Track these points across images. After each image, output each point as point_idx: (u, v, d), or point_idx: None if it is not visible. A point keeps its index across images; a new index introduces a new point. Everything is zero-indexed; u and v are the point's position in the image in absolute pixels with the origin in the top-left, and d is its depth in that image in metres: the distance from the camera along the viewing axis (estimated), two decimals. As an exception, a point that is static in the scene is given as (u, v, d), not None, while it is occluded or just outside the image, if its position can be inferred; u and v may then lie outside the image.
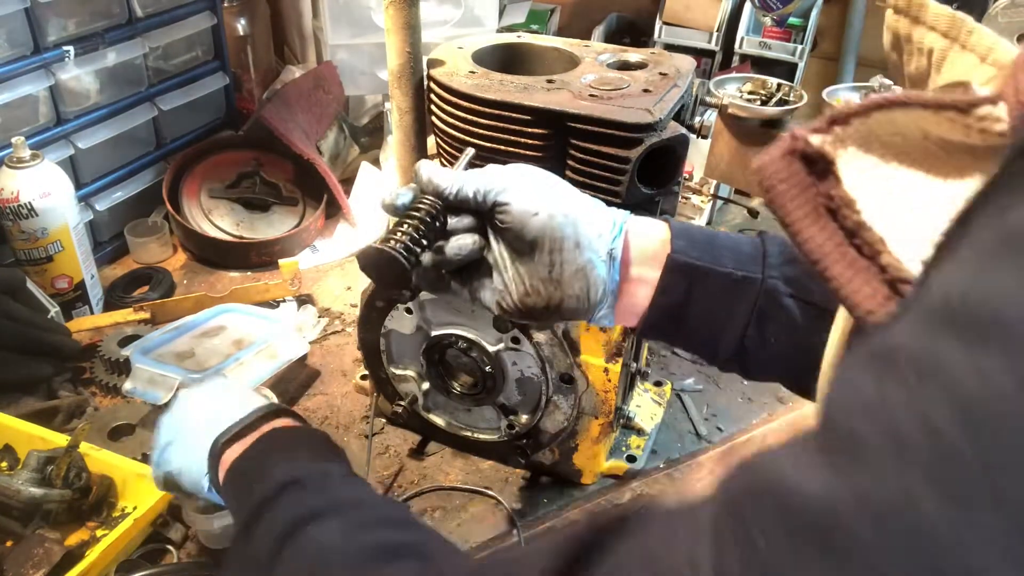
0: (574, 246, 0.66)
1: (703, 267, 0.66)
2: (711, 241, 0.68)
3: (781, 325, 0.66)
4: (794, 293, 0.66)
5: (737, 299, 0.66)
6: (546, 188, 0.68)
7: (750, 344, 0.67)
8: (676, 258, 0.66)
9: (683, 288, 0.67)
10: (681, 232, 0.68)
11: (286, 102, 1.64)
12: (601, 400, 0.99)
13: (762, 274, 0.66)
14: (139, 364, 1.13)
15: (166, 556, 0.96)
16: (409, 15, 0.92)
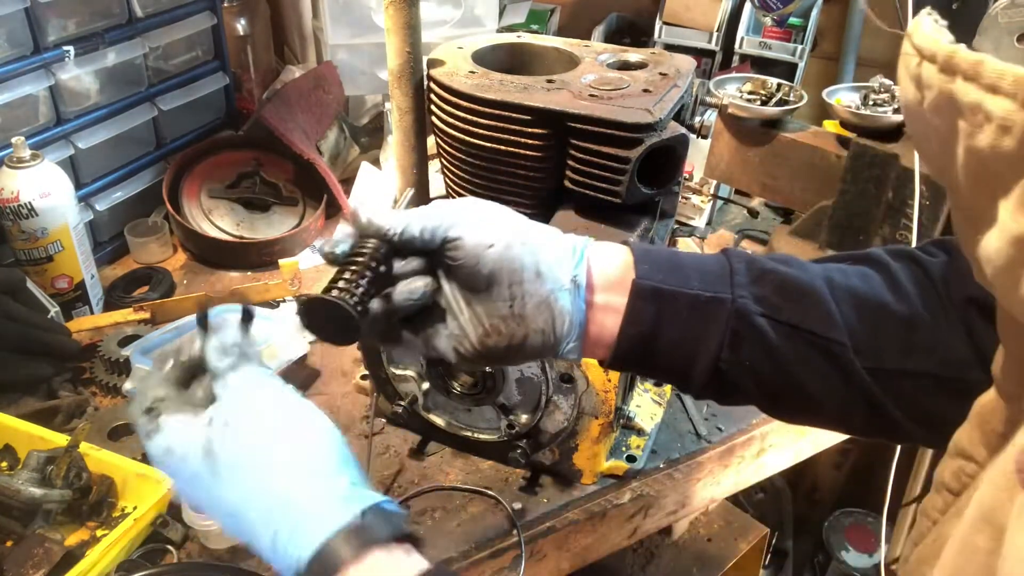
0: (535, 276, 0.62)
1: (670, 290, 0.63)
2: (675, 262, 0.65)
3: (755, 346, 0.64)
4: (765, 312, 0.63)
5: (708, 321, 0.64)
6: (498, 218, 0.64)
7: (725, 367, 0.64)
8: (641, 283, 0.64)
9: (652, 313, 0.64)
10: (643, 255, 0.65)
11: (286, 102, 1.64)
12: (601, 400, 0.99)
13: (731, 294, 0.64)
14: (139, 364, 1.13)
15: (166, 556, 0.96)
16: (409, 15, 0.92)
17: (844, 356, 0.64)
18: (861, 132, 1.35)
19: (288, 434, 0.58)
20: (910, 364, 0.65)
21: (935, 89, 0.36)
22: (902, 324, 0.65)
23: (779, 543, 2.12)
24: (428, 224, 0.62)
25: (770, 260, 0.67)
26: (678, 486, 1.13)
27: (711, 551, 1.50)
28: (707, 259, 0.67)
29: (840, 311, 0.64)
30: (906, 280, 0.67)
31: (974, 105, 0.34)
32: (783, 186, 1.49)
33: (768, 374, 0.65)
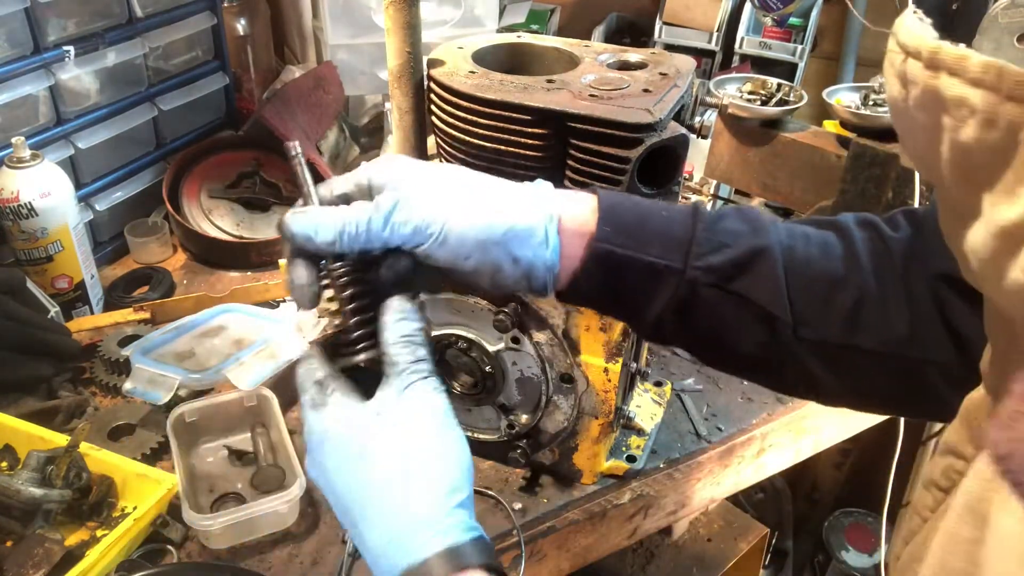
0: (512, 263, 0.65)
1: (624, 255, 0.66)
2: (641, 223, 0.67)
3: (699, 312, 0.67)
4: (715, 283, 0.66)
5: (656, 287, 0.67)
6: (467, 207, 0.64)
7: (666, 325, 0.68)
8: (597, 246, 0.66)
9: (602, 275, 0.67)
10: (609, 214, 0.67)
11: (286, 102, 1.64)
12: (601, 400, 0.99)
13: (684, 264, 0.66)
14: (139, 364, 1.13)
15: (166, 556, 0.96)
16: (409, 15, 0.92)
17: (784, 331, 0.67)
18: (861, 132, 1.35)
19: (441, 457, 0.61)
20: (855, 339, 0.67)
21: (920, 85, 0.37)
22: (851, 299, 0.67)
23: (779, 543, 2.12)
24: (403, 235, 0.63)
25: (737, 219, 0.69)
26: (678, 486, 1.13)
27: (711, 551, 1.50)
28: (675, 219, 0.68)
29: (789, 283, 0.67)
30: (864, 252, 0.69)
31: (959, 99, 0.34)
32: (783, 186, 1.49)
33: (707, 336, 0.70)
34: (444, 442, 0.62)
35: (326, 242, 0.63)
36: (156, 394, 1.11)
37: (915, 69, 0.37)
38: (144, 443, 1.09)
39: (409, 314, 0.65)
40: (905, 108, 0.38)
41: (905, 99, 0.38)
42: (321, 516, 1.02)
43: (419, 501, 0.59)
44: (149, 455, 1.08)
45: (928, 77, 0.36)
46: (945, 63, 0.35)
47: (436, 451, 0.61)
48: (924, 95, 0.37)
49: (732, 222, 0.68)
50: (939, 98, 0.36)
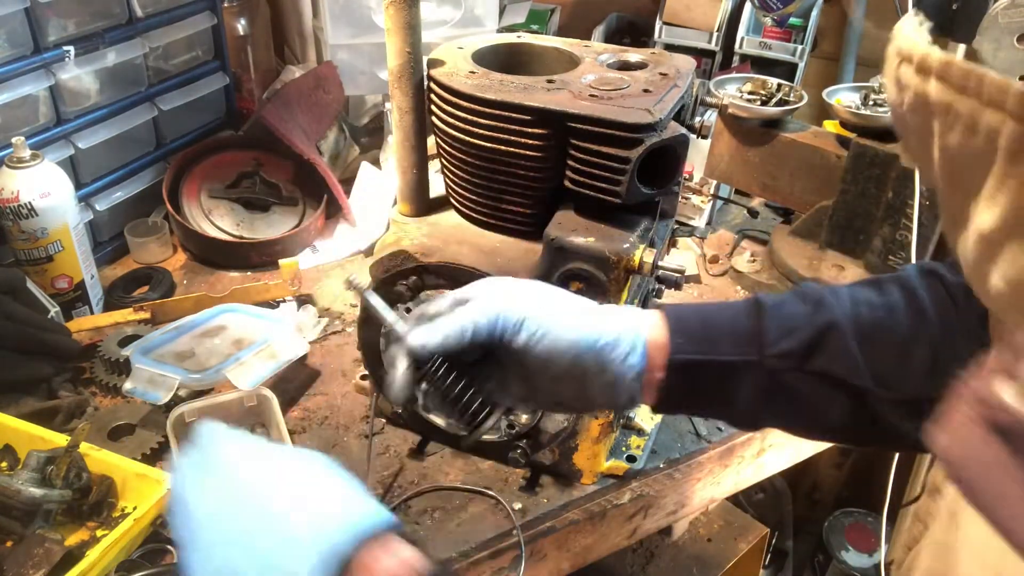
0: (599, 371, 0.68)
1: (702, 360, 0.69)
2: (707, 327, 0.70)
3: (783, 398, 0.69)
4: (794, 367, 0.68)
5: (738, 383, 0.69)
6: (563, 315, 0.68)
7: (761, 417, 0.71)
8: (676, 359, 0.69)
9: (686, 383, 0.69)
10: (677, 325, 0.70)
11: (286, 102, 1.64)
12: (601, 400, 0.99)
13: (759, 355, 0.68)
14: (139, 364, 1.13)
15: (166, 556, 0.96)
16: (409, 15, 0.92)
17: (869, 397, 0.68)
18: (861, 132, 1.35)
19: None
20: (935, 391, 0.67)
21: (911, 90, 0.37)
22: (926, 354, 0.69)
23: (779, 543, 2.12)
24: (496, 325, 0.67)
25: (798, 302, 0.71)
26: (678, 486, 1.13)
27: (711, 551, 1.50)
28: (738, 316, 0.71)
29: (866, 351, 0.68)
30: (929, 305, 0.70)
31: (946, 105, 0.35)
32: (783, 186, 1.49)
33: (795, 416, 0.72)
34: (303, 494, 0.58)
35: (437, 344, 0.67)
36: (156, 394, 1.11)
37: (907, 74, 0.37)
38: (144, 443, 1.09)
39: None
40: (902, 113, 0.39)
41: (901, 103, 0.39)
42: (321, 516, 1.02)
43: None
44: (149, 455, 1.07)
45: (919, 82, 0.36)
46: (933, 68, 0.35)
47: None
48: (916, 99, 0.37)
49: (793, 306, 0.71)
50: (928, 103, 0.36)
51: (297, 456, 0.60)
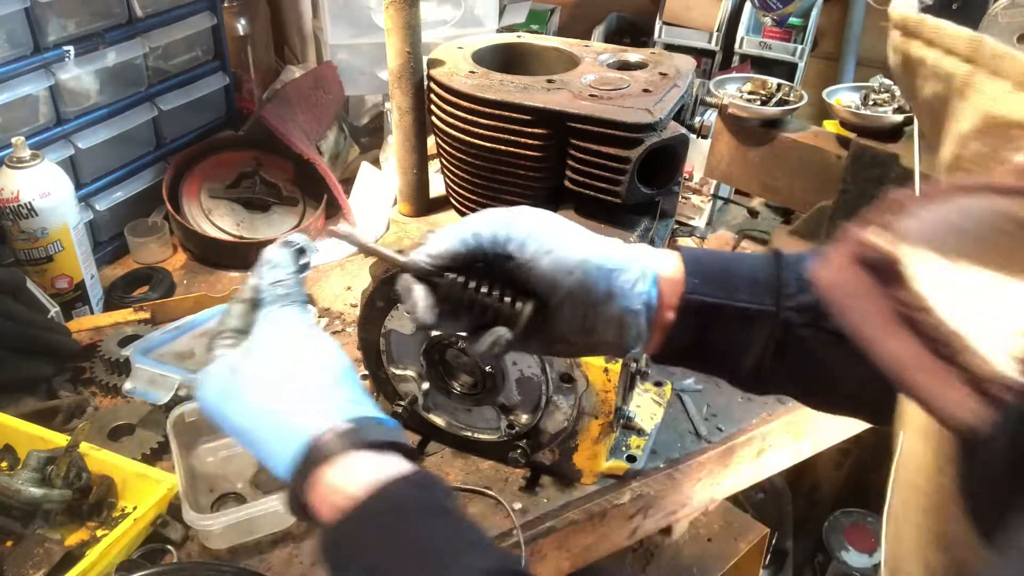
0: (607, 297, 0.65)
1: (716, 303, 0.66)
2: (726, 271, 0.67)
3: (798, 354, 0.66)
4: (810, 322, 0.66)
5: (752, 333, 0.66)
6: (571, 236, 0.66)
7: (767, 372, 0.68)
8: (690, 298, 0.66)
9: (697, 326, 0.67)
10: (695, 266, 0.67)
11: (286, 102, 1.64)
12: (601, 400, 0.99)
13: (776, 306, 0.66)
14: (139, 364, 1.13)
15: (166, 556, 0.96)
16: (409, 15, 0.92)
17: None
18: (861, 132, 1.35)
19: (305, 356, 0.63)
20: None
21: (899, 52, 0.41)
22: None
23: (779, 543, 2.12)
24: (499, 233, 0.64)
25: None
26: (678, 486, 1.13)
27: (711, 551, 1.50)
28: (757, 265, 0.68)
29: None
30: None
31: (919, 60, 0.39)
32: (783, 186, 1.49)
33: (810, 377, 0.69)
34: (313, 341, 0.64)
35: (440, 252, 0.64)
36: (156, 394, 1.11)
37: (895, 37, 0.41)
38: (144, 443, 1.09)
39: (282, 261, 0.69)
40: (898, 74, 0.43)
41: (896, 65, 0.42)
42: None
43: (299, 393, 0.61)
44: (149, 455, 1.08)
45: (903, 43, 0.40)
46: (908, 28, 0.39)
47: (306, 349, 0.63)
48: (903, 60, 0.41)
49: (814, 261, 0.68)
50: (910, 61, 0.40)
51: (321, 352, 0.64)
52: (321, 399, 0.61)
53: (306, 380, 0.62)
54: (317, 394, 0.61)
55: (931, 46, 0.38)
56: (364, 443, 0.58)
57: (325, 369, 0.63)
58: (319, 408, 0.60)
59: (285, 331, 0.65)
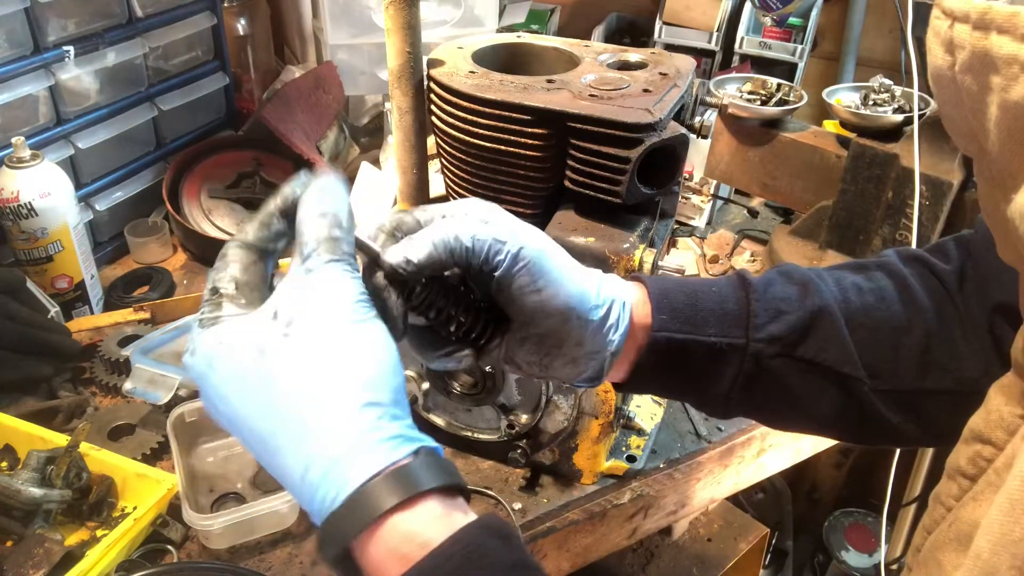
0: (575, 346, 0.61)
1: (685, 340, 0.64)
2: (693, 306, 0.65)
3: (767, 385, 0.65)
4: (780, 352, 0.64)
5: (720, 367, 0.65)
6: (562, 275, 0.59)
7: (733, 402, 0.66)
8: (658, 336, 0.64)
9: (664, 362, 0.65)
10: (662, 301, 0.65)
11: (286, 102, 1.64)
12: (601, 400, 0.99)
13: (746, 338, 0.64)
14: (139, 364, 1.13)
15: (166, 556, 0.96)
16: (409, 15, 0.92)
17: (858, 387, 0.65)
18: (861, 132, 1.35)
19: (356, 355, 0.49)
20: (928, 383, 0.66)
21: (968, 48, 0.37)
22: (918, 343, 0.66)
23: (779, 543, 2.12)
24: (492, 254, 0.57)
25: (785, 284, 0.67)
26: (678, 486, 1.13)
27: (711, 551, 1.50)
28: (725, 295, 0.66)
29: (855, 338, 0.65)
30: (921, 292, 0.67)
31: (1010, 57, 0.35)
32: (783, 186, 1.49)
33: (779, 404, 0.67)
34: (357, 337, 0.50)
35: (422, 259, 0.55)
36: (156, 394, 1.11)
37: (963, 33, 0.37)
38: (144, 443, 1.09)
39: (340, 197, 0.53)
40: (951, 76, 0.38)
41: (952, 66, 0.38)
42: (321, 516, 1.02)
43: (343, 413, 0.48)
44: (149, 455, 1.08)
45: (977, 39, 0.36)
46: (995, 22, 0.35)
47: (347, 351, 0.49)
48: (972, 57, 0.37)
49: (781, 287, 0.67)
50: (988, 58, 0.36)
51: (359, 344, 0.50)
52: (377, 421, 0.48)
53: (358, 391, 0.49)
54: (373, 413, 0.48)
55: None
56: (428, 486, 0.48)
57: (380, 377, 0.50)
58: (376, 435, 0.48)
59: (339, 310, 0.50)
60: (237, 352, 0.50)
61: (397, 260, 0.55)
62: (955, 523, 0.45)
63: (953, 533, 0.45)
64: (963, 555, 0.42)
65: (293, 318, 0.49)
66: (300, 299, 0.50)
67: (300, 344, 0.49)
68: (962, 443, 0.48)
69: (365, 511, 0.46)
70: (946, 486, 0.49)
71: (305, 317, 0.49)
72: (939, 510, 0.49)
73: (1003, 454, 0.44)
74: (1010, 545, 0.37)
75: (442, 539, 0.46)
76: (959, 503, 0.47)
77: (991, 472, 0.45)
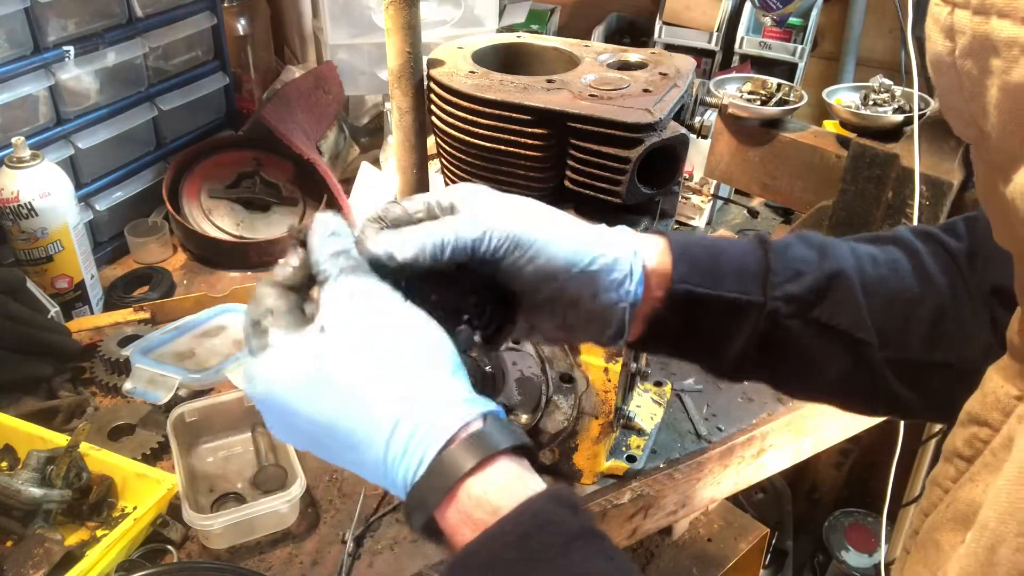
0: (591, 299, 0.62)
1: (703, 294, 0.64)
2: (714, 261, 0.65)
3: (781, 344, 0.65)
4: (796, 312, 0.65)
5: (737, 323, 0.65)
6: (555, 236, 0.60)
7: (748, 362, 0.67)
8: (677, 289, 0.64)
9: (682, 317, 0.65)
10: (683, 254, 0.65)
11: (286, 102, 1.64)
12: (601, 400, 0.99)
13: (764, 296, 0.64)
14: (139, 364, 1.13)
15: (166, 556, 0.96)
16: (409, 15, 0.92)
17: (869, 354, 0.65)
18: (861, 132, 1.35)
19: (406, 337, 0.53)
20: (936, 355, 0.66)
21: (968, 33, 0.37)
22: (929, 315, 0.66)
23: (779, 543, 2.12)
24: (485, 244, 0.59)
25: (803, 246, 0.67)
26: (678, 486, 1.13)
27: (711, 551, 1.50)
28: (745, 252, 0.66)
29: (869, 305, 0.65)
30: (934, 266, 0.68)
31: (1010, 40, 0.35)
32: (783, 186, 1.49)
33: (790, 366, 0.67)
34: (404, 321, 0.53)
35: (407, 259, 0.57)
36: (156, 394, 1.11)
37: (963, 18, 0.38)
38: (144, 443, 1.09)
39: (341, 228, 0.56)
40: (951, 62, 0.39)
41: (951, 52, 0.39)
42: (321, 516, 1.02)
43: (415, 382, 0.51)
44: (149, 455, 1.08)
45: (977, 23, 0.37)
46: (996, 7, 0.36)
47: (399, 334, 0.52)
48: (973, 42, 0.37)
49: (800, 249, 0.67)
50: (989, 42, 0.36)
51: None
52: (442, 389, 0.51)
53: (417, 365, 0.52)
54: (435, 383, 0.52)
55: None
56: (502, 446, 0.50)
57: (434, 351, 0.53)
58: (444, 400, 0.51)
59: (375, 305, 0.53)
60: (296, 365, 0.52)
61: (380, 251, 0.57)
62: (952, 504, 0.46)
63: (951, 513, 0.45)
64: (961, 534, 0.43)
65: (342, 322, 0.52)
66: (343, 306, 0.53)
67: (357, 336, 0.52)
68: (959, 426, 0.49)
69: (445, 477, 0.48)
70: (943, 469, 0.49)
71: (353, 317, 0.52)
72: (936, 492, 0.49)
73: (999, 435, 0.45)
74: (1018, 512, 0.37)
75: (512, 506, 0.48)
76: (956, 484, 0.47)
77: (988, 453, 0.45)
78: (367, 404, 0.51)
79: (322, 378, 0.51)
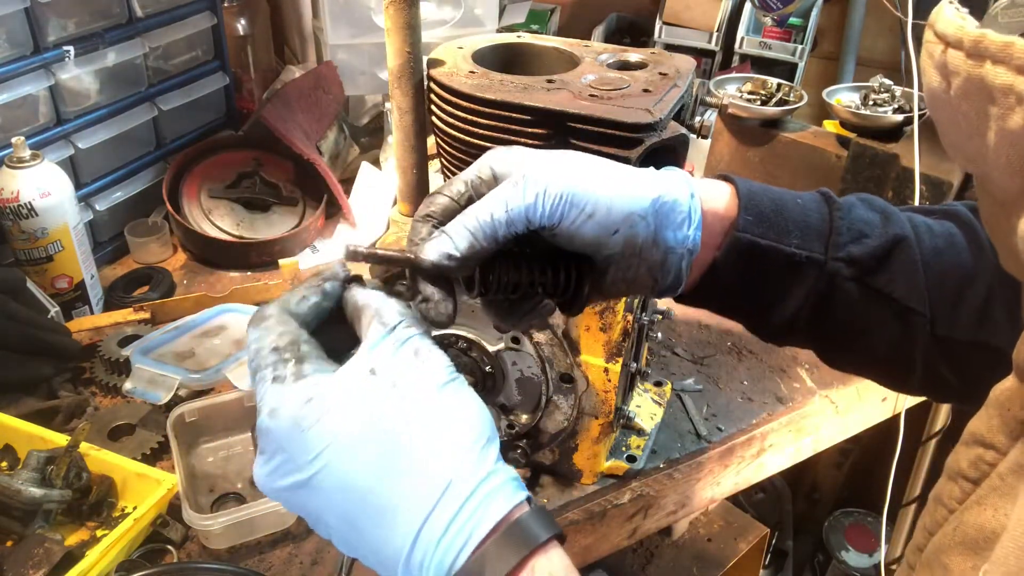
0: (651, 245, 0.59)
1: (766, 246, 0.62)
2: (779, 212, 0.63)
3: (836, 307, 0.63)
4: (857, 275, 0.63)
5: (796, 280, 0.63)
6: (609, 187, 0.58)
7: (800, 323, 0.64)
8: (740, 237, 0.61)
9: (740, 267, 0.62)
10: (749, 203, 0.62)
11: (286, 102, 1.64)
12: (601, 400, 0.99)
13: (825, 255, 0.62)
14: (139, 364, 1.13)
15: (166, 556, 0.96)
16: (409, 15, 0.92)
17: (920, 326, 0.63)
18: (861, 132, 1.35)
19: (461, 408, 0.50)
20: (981, 335, 0.64)
21: (962, 75, 0.36)
22: (980, 295, 0.64)
23: (779, 543, 2.12)
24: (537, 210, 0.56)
25: (867, 208, 0.65)
26: (678, 486, 1.13)
27: (711, 551, 1.50)
28: (811, 208, 0.64)
29: (926, 277, 0.63)
30: (989, 244, 0.65)
31: (1005, 87, 0.34)
32: (783, 186, 1.49)
33: (840, 335, 0.66)
34: (456, 395, 0.51)
35: (464, 252, 0.55)
36: (156, 394, 1.11)
37: (957, 59, 0.36)
38: (144, 443, 1.09)
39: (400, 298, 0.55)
40: (947, 99, 0.38)
41: (946, 90, 0.38)
42: (321, 516, 1.02)
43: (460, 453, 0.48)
44: (149, 455, 1.08)
45: (971, 66, 0.36)
46: (989, 51, 0.35)
47: (450, 408, 0.50)
48: (968, 84, 0.36)
49: (863, 211, 0.65)
50: (984, 87, 0.35)
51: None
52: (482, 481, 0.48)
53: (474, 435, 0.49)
54: (485, 458, 0.49)
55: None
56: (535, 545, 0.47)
57: (487, 422, 0.51)
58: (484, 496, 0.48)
59: (437, 371, 0.50)
60: (340, 410, 0.48)
61: (436, 257, 0.55)
62: (960, 526, 0.45)
63: (959, 536, 0.45)
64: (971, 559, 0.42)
65: (397, 379, 0.49)
66: (400, 362, 0.50)
67: (411, 401, 0.49)
68: (962, 445, 0.48)
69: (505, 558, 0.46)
70: (947, 487, 0.48)
71: (409, 377, 0.49)
72: (941, 511, 0.48)
73: (1007, 459, 0.44)
74: None
75: None
76: (962, 506, 0.46)
77: (995, 476, 0.44)
78: (420, 459, 0.47)
79: (372, 433, 0.48)
